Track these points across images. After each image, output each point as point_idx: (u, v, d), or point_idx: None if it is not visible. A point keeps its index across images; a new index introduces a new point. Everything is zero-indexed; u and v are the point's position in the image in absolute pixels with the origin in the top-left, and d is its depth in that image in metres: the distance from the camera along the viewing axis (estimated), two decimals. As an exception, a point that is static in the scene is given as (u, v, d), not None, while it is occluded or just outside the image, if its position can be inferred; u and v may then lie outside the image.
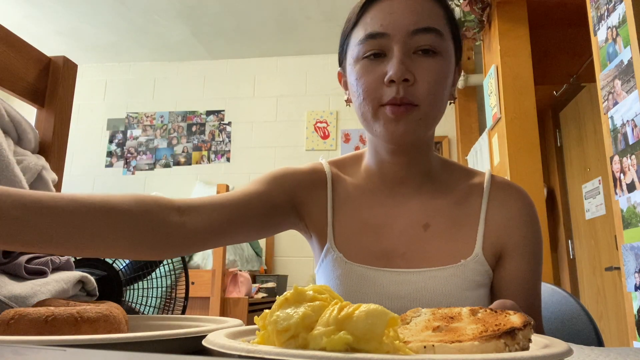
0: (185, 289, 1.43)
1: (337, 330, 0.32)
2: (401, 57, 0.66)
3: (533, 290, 0.74)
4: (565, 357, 0.34)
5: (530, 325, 0.38)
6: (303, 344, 0.33)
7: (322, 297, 0.36)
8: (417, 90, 0.66)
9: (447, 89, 0.71)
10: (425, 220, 0.75)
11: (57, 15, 3.52)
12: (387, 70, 0.66)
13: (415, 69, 0.66)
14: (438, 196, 0.77)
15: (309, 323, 0.33)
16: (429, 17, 0.68)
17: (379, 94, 0.67)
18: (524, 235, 0.74)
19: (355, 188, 0.80)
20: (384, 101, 0.66)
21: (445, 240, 0.73)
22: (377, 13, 0.69)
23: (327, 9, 3.39)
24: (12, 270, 0.70)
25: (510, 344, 0.35)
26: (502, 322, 0.38)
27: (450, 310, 0.43)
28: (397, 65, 0.65)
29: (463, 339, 0.35)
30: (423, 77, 0.66)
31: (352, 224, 0.77)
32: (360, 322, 0.32)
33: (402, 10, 0.67)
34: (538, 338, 0.41)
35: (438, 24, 0.68)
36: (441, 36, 0.68)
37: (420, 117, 0.67)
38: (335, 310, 0.33)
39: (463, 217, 0.75)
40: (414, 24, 0.66)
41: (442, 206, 0.76)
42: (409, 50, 0.67)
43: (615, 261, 2.80)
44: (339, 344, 0.31)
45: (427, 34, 0.67)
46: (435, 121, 0.71)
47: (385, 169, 0.77)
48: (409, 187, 0.77)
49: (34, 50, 1.00)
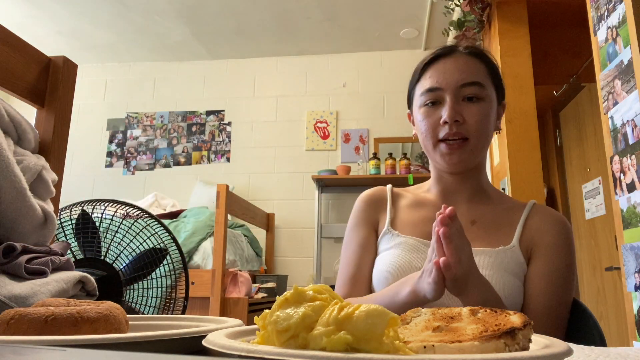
0: (185, 289, 1.43)
1: (337, 331, 0.32)
2: (452, 104, 0.87)
3: (554, 294, 0.83)
4: (565, 357, 0.34)
5: (530, 325, 0.38)
6: (303, 344, 0.33)
7: (322, 297, 0.36)
8: (467, 128, 0.87)
9: (492, 124, 0.91)
10: (472, 218, 0.92)
11: (57, 15, 3.52)
12: (442, 114, 0.87)
13: (464, 112, 0.87)
14: (486, 205, 0.95)
15: (309, 323, 0.33)
16: (472, 73, 0.89)
17: (436, 132, 0.89)
18: (554, 240, 0.87)
19: (414, 197, 1.00)
20: (440, 137, 0.88)
21: (488, 233, 0.89)
22: (434, 72, 0.91)
23: (327, 9, 3.39)
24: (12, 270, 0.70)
25: (510, 344, 0.35)
26: (502, 322, 0.38)
27: (450, 310, 0.44)
28: (450, 110, 0.87)
29: (463, 339, 0.35)
30: (470, 117, 0.87)
31: (408, 216, 0.96)
32: (360, 322, 0.32)
33: (452, 69, 0.90)
34: (538, 338, 0.41)
35: (480, 77, 0.90)
36: (483, 87, 0.89)
37: (471, 149, 0.88)
38: (335, 311, 0.33)
39: (505, 221, 0.91)
40: (462, 80, 0.88)
41: (489, 211, 0.93)
42: (459, 98, 0.88)
43: (615, 261, 2.80)
44: (339, 344, 0.31)
45: (471, 87, 0.88)
46: (483, 150, 0.91)
47: (443, 181, 0.97)
48: (461, 195, 0.95)
49: (34, 50, 1.00)
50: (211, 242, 2.68)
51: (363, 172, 3.56)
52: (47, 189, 0.86)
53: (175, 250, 1.42)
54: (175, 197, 3.73)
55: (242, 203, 3.01)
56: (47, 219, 0.82)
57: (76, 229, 1.30)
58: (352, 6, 3.35)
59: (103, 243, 1.33)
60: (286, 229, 3.77)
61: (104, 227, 1.35)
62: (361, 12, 3.43)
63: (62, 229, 1.31)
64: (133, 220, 1.40)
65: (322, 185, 3.67)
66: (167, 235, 1.43)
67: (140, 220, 1.41)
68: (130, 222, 1.39)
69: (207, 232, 2.75)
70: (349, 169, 3.52)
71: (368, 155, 3.74)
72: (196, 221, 2.82)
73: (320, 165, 3.80)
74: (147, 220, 1.42)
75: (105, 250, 1.32)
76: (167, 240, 1.41)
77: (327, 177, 3.48)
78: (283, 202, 3.82)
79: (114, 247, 1.34)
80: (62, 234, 1.31)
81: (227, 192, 2.56)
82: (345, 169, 3.51)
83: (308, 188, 3.80)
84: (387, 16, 3.46)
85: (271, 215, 3.75)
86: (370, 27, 3.63)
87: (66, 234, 1.31)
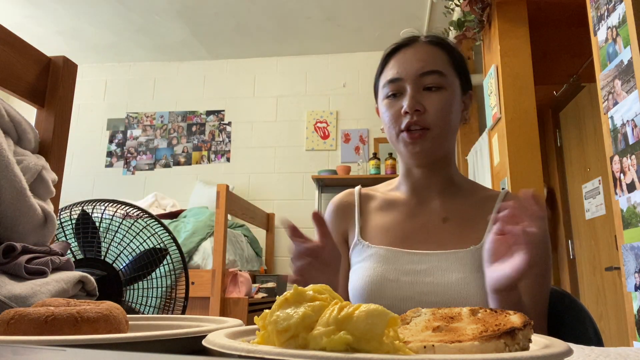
0: (185, 289, 1.43)
1: (337, 331, 0.32)
2: (412, 93, 0.86)
3: (538, 282, 0.79)
4: (565, 357, 0.34)
5: (530, 325, 0.38)
6: (303, 344, 0.33)
7: (322, 297, 0.36)
8: (427, 117, 0.86)
9: (454, 113, 0.89)
10: (444, 215, 0.90)
11: (57, 15, 3.52)
12: (403, 104, 0.87)
13: (424, 102, 0.86)
14: (458, 198, 0.92)
15: (309, 323, 0.33)
16: (432, 62, 0.88)
17: (399, 122, 0.87)
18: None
19: (384, 196, 0.98)
20: (402, 128, 0.86)
21: (461, 230, 0.87)
22: (395, 63, 0.91)
23: (327, 9, 3.39)
24: (12, 270, 0.70)
25: (510, 344, 0.35)
26: (502, 322, 0.38)
27: (450, 310, 0.44)
28: (410, 99, 0.86)
29: (463, 339, 0.35)
30: (431, 107, 0.86)
31: (378, 221, 0.93)
32: (360, 322, 0.32)
33: (412, 59, 0.89)
34: (538, 338, 0.41)
35: (440, 66, 0.88)
36: (444, 75, 0.88)
37: (432, 138, 0.86)
38: (335, 311, 0.33)
39: (477, 216, 0.88)
40: (421, 68, 0.87)
41: (461, 205, 0.91)
42: (419, 88, 0.87)
43: (615, 261, 2.79)
44: (339, 344, 0.31)
45: (431, 75, 0.87)
46: (447, 141, 0.89)
47: (412, 176, 0.94)
48: (432, 191, 0.93)
49: (34, 50, 1.00)
50: (211, 242, 2.68)
51: (363, 172, 3.56)
52: (47, 189, 0.86)
53: (175, 250, 1.42)
54: (175, 197, 3.73)
55: (242, 203, 3.01)
56: (47, 219, 0.82)
57: (76, 229, 1.30)
58: (352, 6, 3.35)
59: (103, 243, 1.33)
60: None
61: (104, 227, 1.35)
62: (361, 12, 3.43)
63: (62, 229, 1.31)
64: (133, 220, 1.40)
65: (322, 185, 3.67)
66: (167, 235, 1.43)
67: (140, 220, 1.41)
68: (130, 222, 1.39)
69: (207, 232, 2.75)
70: (349, 169, 3.52)
71: (368, 155, 3.74)
72: (196, 221, 2.82)
73: (320, 165, 3.80)
74: (147, 220, 1.42)
75: (105, 250, 1.32)
76: (167, 240, 1.41)
77: (327, 177, 3.48)
78: (283, 202, 3.82)
79: (114, 247, 1.34)
80: (62, 234, 1.31)
81: (227, 192, 2.56)
82: (345, 169, 3.51)
83: (308, 188, 3.80)
84: (387, 16, 3.46)
85: (271, 215, 3.75)
86: (370, 27, 3.63)
87: (66, 234, 1.31)
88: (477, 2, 2.63)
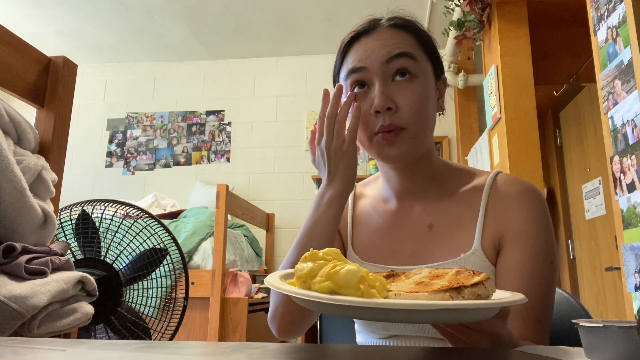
0: (185, 289, 1.43)
1: (326, 280, 0.46)
2: (382, 87, 0.75)
3: (529, 282, 0.70)
4: (492, 314, 0.42)
5: (482, 284, 0.44)
6: (309, 287, 0.47)
7: (328, 258, 0.51)
8: (401, 115, 0.74)
9: (431, 105, 0.78)
10: (429, 222, 0.81)
11: (57, 15, 3.52)
12: (374, 101, 0.75)
13: (396, 96, 0.75)
14: (442, 198, 0.82)
15: (314, 274, 0.48)
16: (399, 45, 0.77)
17: (370, 125, 0.76)
18: (523, 223, 0.74)
19: (372, 200, 0.90)
20: (376, 130, 0.76)
21: (448, 237, 0.78)
22: (356, 52, 0.79)
23: (327, 9, 3.39)
24: (12, 270, 0.70)
25: (456, 298, 0.42)
26: (464, 280, 0.45)
27: (443, 270, 0.51)
28: (379, 96, 0.74)
29: (428, 291, 0.43)
30: (404, 102, 0.74)
31: (368, 231, 0.87)
32: (341, 276, 0.46)
33: (375, 45, 0.78)
34: (505, 294, 0.48)
35: (409, 48, 0.77)
36: (414, 59, 0.76)
37: (410, 137, 0.75)
38: (329, 267, 0.47)
39: (464, 215, 0.79)
40: (387, 54, 0.76)
41: (446, 207, 0.81)
42: (388, 78, 0.76)
43: (615, 261, 2.80)
44: (326, 289, 0.45)
45: (399, 59, 0.76)
46: (425, 136, 0.78)
47: (392, 181, 0.85)
48: (414, 194, 0.84)
49: (34, 50, 1.00)
50: (211, 242, 2.68)
51: (363, 172, 3.55)
52: (47, 189, 0.86)
53: (175, 251, 1.42)
54: (175, 197, 3.73)
55: (242, 203, 3.01)
56: (47, 219, 0.82)
57: (76, 229, 1.30)
58: (352, 6, 3.35)
59: (103, 243, 1.33)
60: (286, 229, 3.77)
61: (103, 227, 1.35)
62: (361, 12, 3.40)
63: (62, 229, 1.31)
64: (133, 221, 1.40)
65: (322, 185, 3.66)
66: (167, 235, 1.43)
67: (140, 220, 1.41)
68: (130, 222, 1.39)
69: (207, 232, 2.75)
70: (349, 169, 3.52)
71: (368, 155, 3.73)
72: (196, 221, 2.82)
73: (320, 166, 3.80)
74: (147, 220, 1.42)
75: (105, 251, 1.32)
76: (167, 241, 1.41)
77: (327, 177, 3.47)
78: (283, 202, 3.82)
79: (113, 247, 1.34)
80: (62, 234, 1.31)
81: (227, 192, 2.56)
82: (345, 169, 3.50)
83: (308, 188, 3.80)
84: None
85: (271, 215, 3.75)
86: (370, 27, 3.63)
87: (66, 234, 1.31)
88: (477, 2, 2.63)
